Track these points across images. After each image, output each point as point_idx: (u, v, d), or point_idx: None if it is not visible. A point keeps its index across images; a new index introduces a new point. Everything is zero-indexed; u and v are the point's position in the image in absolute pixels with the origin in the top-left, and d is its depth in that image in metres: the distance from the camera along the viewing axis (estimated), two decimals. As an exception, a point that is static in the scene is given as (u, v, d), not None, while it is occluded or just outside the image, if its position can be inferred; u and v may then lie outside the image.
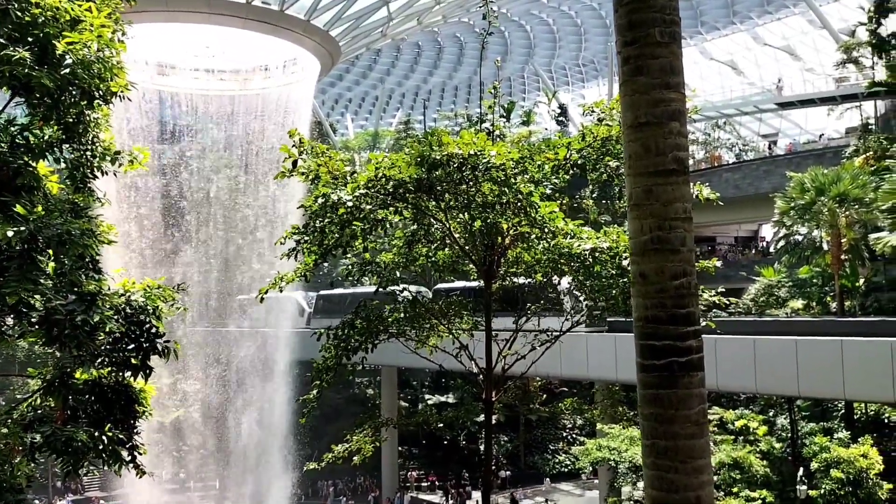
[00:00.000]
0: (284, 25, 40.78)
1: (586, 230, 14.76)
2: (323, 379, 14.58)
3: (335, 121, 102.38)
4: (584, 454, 30.57)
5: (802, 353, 23.84)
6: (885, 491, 22.86)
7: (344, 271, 15.84)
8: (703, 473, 5.84)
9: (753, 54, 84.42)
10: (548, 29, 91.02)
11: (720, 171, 54.78)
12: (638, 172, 6.11)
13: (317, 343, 15.01)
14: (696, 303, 6.09)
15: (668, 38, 5.97)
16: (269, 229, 50.30)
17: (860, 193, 29.61)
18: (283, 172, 13.08)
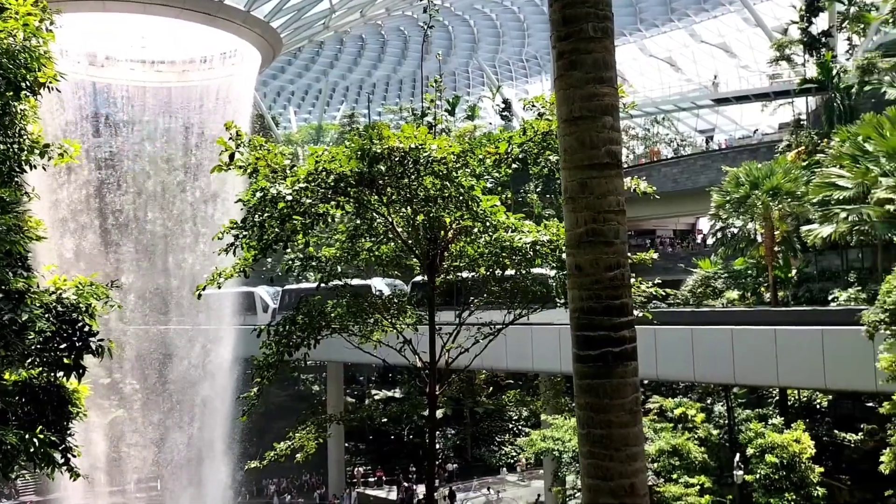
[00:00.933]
0: (223, 16, 39.99)
1: (527, 224, 14.91)
2: (264, 376, 14.39)
3: (277, 114, 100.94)
4: (529, 445, 30.93)
5: (738, 342, 24.60)
6: (816, 474, 23.69)
7: (285, 266, 15.65)
8: (636, 461, 5.98)
9: (691, 51, 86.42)
10: (491, 24, 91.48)
11: (659, 166, 55.86)
12: (573, 166, 6.20)
13: None
14: (629, 294, 6.22)
15: (600, 33, 6.07)
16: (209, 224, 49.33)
17: (792, 187, 30.62)
18: (220, 166, 12.84)
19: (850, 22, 43.11)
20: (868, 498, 24.67)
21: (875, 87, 33.47)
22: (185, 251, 50.97)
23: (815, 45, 42.19)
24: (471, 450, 52.47)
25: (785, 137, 42.14)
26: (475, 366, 19.25)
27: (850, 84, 36.07)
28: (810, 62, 42.09)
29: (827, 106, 37.36)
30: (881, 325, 18.97)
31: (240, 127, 12.93)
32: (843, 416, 30.07)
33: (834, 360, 22.02)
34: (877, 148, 25.00)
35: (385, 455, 52.05)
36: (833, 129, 32.91)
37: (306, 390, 56.15)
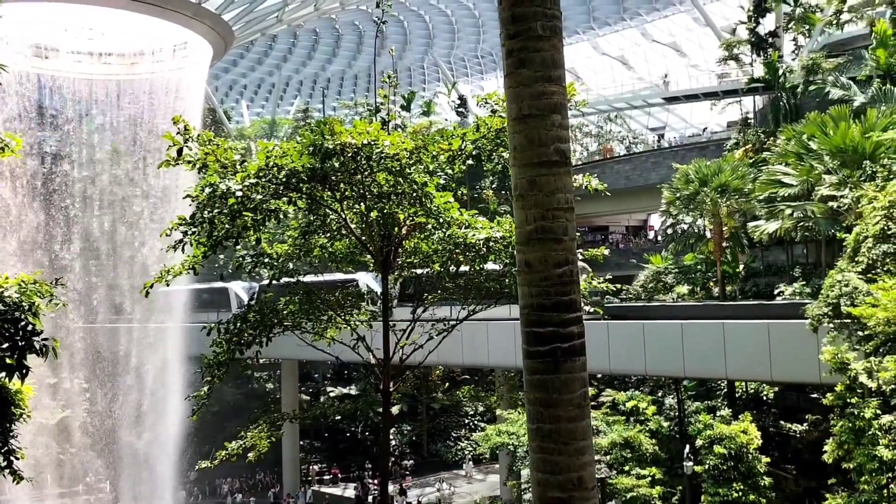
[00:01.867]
0: (173, 7, 39.20)
1: (481, 220, 14.98)
2: (215, 375, 14.19)
3: (230, 108, 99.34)
4: (485, 440, 31.12)
5: (688, 336, 25.09)
6: (763, 464, 24.27)
7: (236, 263, 15.45)
8: (584, 454, 6.06)
9: (643, 50, 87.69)
10: (447, 20, 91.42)
11: (612, 163, 56.58)
12: (522, 163, 6.24)
13: None
14: (578, 290, 6.29)
15: (549, 31, 6.11)
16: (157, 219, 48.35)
17: (740, 184, 31.32)
18: (168, 161, 12.61)
19: (795, 23, 44.22)
20: (812, 486, 25.34)
21: (819, 86, 34.37)
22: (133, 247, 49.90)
23: (762, 45, 43.15)
24: (427, 445, 52.53)
25: (733, 135, 43.02)
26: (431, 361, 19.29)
27: (796, 84, 36.97)
28: (757, 62, 43.03)
29: (773, 105, 38.25)
30: (824, 318, 19.55)
31: (188, 121, 12.70)
32: (788, 407, 30.85)
33: (780, 353, 22.60)
34: (821, 146, 25.75)
35: (340, 452, 51.79)
36: (779, 128, 33.74)
37: (260, 388, 55.50)
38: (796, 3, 42.84)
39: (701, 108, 68.42)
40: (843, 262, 20.02)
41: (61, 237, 49.68)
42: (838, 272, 19.73)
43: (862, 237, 19.82)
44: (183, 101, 46.17)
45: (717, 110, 55.82)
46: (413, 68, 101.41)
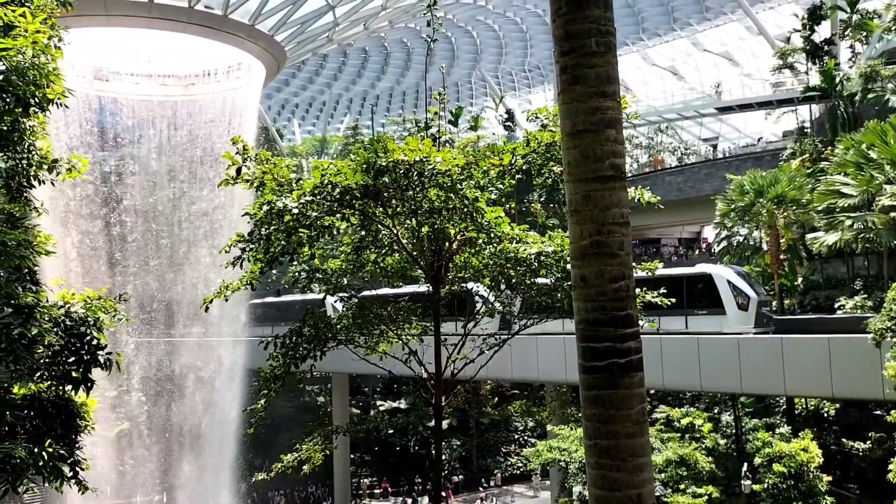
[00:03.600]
0: (228, 30, 40.26)
1: (532, 234, 14.96)
2: (271, 388, 14.43)
3: (282, 126, 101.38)
4: (535, 455, 30.89)
5: (744, 351, 24.57)
6: (824, 483, 23.63)
7: (290, 278, 15.72)
8: (643, 471, 6.00)
9: (693, 60, 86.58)
10: (494, 35, 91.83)
11: (663, 175, 55.94)
12: (577, 179, 6.26)
13: None
14: (634, 305, 6.26)
15: (603, 47, 6.14)
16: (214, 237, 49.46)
17: (797, 195, 30.64)
18: (227, 180, 12.94)
19: (852, 30, 43.22)
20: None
21: (878, 94, 33.53)
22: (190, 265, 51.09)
23: (818, 52, 42.31)
24: (476, 460, 52.35)
25: (789, 145, 42.17)
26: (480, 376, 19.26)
27: (854, 92, 36.12)
28: (813, 70, 42.19)
29: (830, 113, 37.39)
30: (888, 332, 18.96)
31: (246, 141, 13.03)
32: (850, 424, 29.95)
33: (841, 369, 21.97)
34: (881, 155, 25.06)
35: (390, 466, 51.96)
36: (837, 137, 32.96)
37: (311, 401, 56.10)
38: (853, 10, 41.90)
39: (755, 117, 67.22)
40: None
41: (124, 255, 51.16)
42: (902, 285, 19.13)
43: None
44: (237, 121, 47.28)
45: (772, 120, 54.80)
46: (460, 83, 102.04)
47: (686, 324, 27.05)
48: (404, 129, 77.24)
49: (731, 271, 27.75)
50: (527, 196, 52.51)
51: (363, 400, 58.33)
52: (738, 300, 26.62)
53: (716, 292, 26.84)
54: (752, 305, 26.54)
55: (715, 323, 26.76)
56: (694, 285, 27.74)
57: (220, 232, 48.61)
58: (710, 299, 26.86)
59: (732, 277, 27.05)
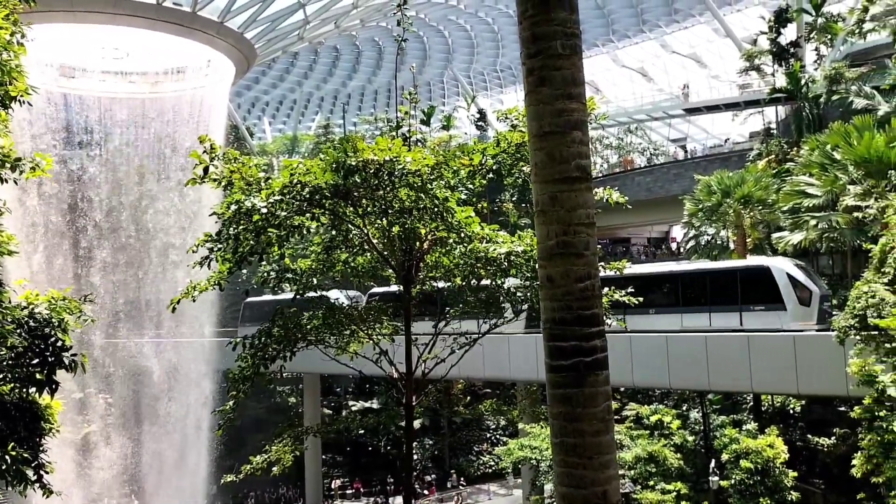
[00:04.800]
0: (197, 27, 39.85)
1: (502, 234, 15.04)
2: (240, 389, 14.33)
3: (252, 124, 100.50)
4: (507, 454, 31.00)
5: (712, 348, 24.87)
6: (790, 478, 24.01)
7: (259, 278, 15.63)
8: (609, 468, 6.08)
9: (662, 61, 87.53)
10: (466, 35, 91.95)
11: (633, 175, 56.45)
12: (543, 180, 6.31)
13: None
14: (600, 304, 6.33)
15: (569, 50, 6.19)
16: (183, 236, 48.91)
17: (763, 195, 31.13)
18: (195, 179, 12.82)
19: (817, 33, 43.97)
20: (841, 502, 25.01)
21: (842, 96, 34.11)
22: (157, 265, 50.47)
23: (784, 55, 43.01)
24: (449, 460, 52.39)
25: (755, 146, 42.80)
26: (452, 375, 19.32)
27: (819, 93, 36.74)
28: (779, 72, 42.86)
29: (796, 115, 38.02)
30: (851, 330, 19.32)
31: (214, 140, 12.92)
32: (815, 420, 30.49)
33: (806, 366, 22.35)
34: (845, 156, 25.53)
35: (362, 467, 51.79)
36: (802, 138, 33.52)
37: (282, 402, 55.69)
38: (818, 13, 42.65)
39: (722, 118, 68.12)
40: (870, 274, 19.79)
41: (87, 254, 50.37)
42: (865, 283, 19.51)
43: (888, 248, 19.60)
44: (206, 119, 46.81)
45: (739, 121, 55.59)
46: (432, 83, 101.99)
47: (741, 321, 25.35)
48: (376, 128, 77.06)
49: (790, 263, 25.94)
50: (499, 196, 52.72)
51: (335, 400, 58.07)
52: (799, 295, 24.78)
53: (774, 286, 24.83)
54: (815, 300, 24.89)
55: (773, 319, 24.94)
56: (749, 279, 25.96)
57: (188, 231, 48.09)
58: (768, 294, 24.79)
59: (792, 270, 25.31)
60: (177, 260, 47.84)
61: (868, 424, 18.59)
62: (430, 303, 22.53)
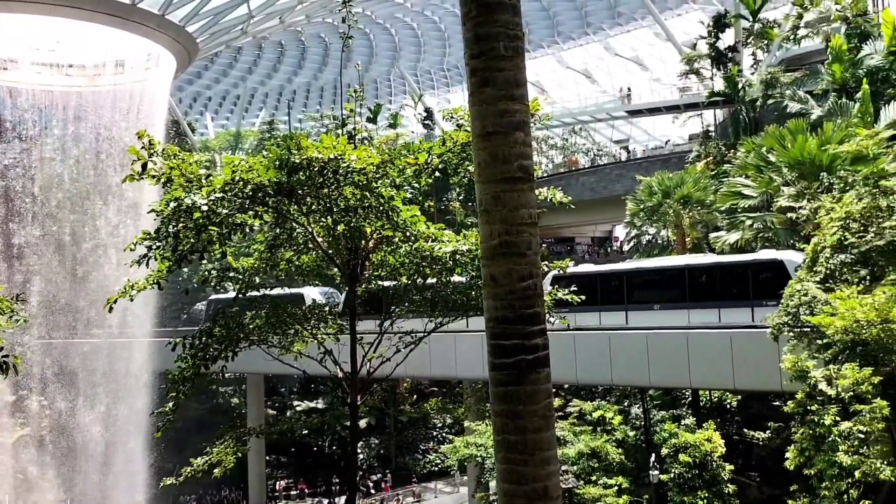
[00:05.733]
0: (136, 20, 38.84)
1: (447, 233, 15.09)
2: (180, 391, 14.03)
3: (194, 120, 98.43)
4: (453, 452, 31.07)
5: (653, 345, 25.42)
6: (727, 471, 24.62)
7: (200, 277, 15.34)
8: (550, 464, 6.16)
9: (606, 64, 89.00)
10: (412, 33, 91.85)
11: (577, 175, 57.22)
12: (487, 179, 6.36)
13: None
14: (542, 303, 6.41)
15: (512, 52, 6.25)
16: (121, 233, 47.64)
17: (701, 196, 31.94)
18: (132, 175, 12.51)
19: (754, 38, 45.30)
20: (775, 493, 25.79)
21: (778, 100, 35.21)
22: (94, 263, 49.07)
23: (722, 59, 44.16)
24: (395, 459, 52.33)
25: (694, 148, 43.83)
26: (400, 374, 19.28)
27: (755, 97, 37.84)
28: (718, 76, 43.97)
29: (733, 118, 39.09)
30: (785, 327, 19.97)
31: (152, 136, 12.63)
32: (751, 415, 31.33)
33: (742, 362, 23.00)
34: (779, 158, 26.35)
35: (307, 467, 51.34)
36: (739, 141, 34.48)
37: (225, 403, 54.80)
38: (755, 19, 43.92)
39: (663, 121, 69.53)
40: (802, 273, 20.48)
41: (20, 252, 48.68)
42: (797, 282, 20.19)
43: (820, 247, 20.31)
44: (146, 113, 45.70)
45: (679, 123, 56.82)
46: (379, 80, 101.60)
47: (752, 316, 24.32)
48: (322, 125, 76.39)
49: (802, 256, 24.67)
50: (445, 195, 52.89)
51: (280, 400, 57.42)
52: None
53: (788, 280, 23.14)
54: None
55: None
56: (761, 273, 25.12)
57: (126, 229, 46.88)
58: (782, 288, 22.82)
59: None
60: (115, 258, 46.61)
61: (800, 418, 19.22)
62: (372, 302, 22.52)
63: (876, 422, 17.67)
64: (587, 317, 27.45)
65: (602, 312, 28.05)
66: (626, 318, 27.44)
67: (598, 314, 27.97)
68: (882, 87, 29.79)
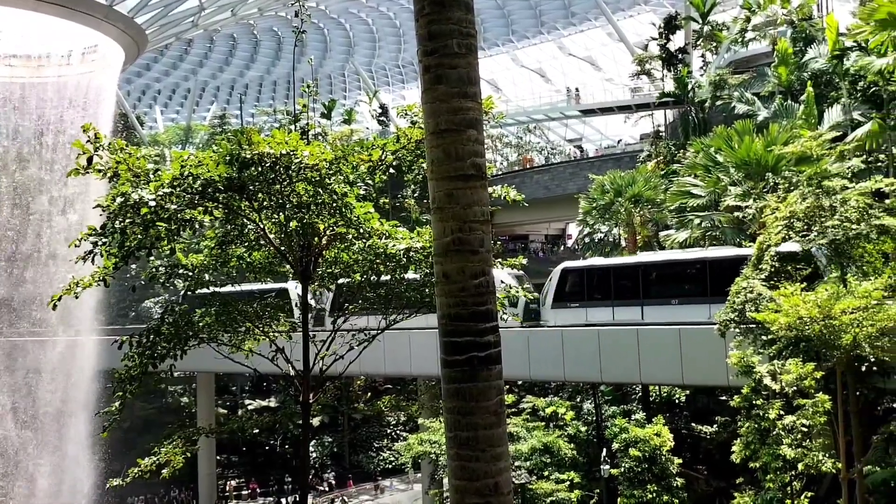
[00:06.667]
0: (83, 10, 37.81)
1: (401, 231, 15.05)
2: (126, 390, 13.72)
3: (143, 113, 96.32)
4: (406, 449, 31.03)
5: (604, 341, 25.75)
6: (675, 465, 25.08)
7: (148, 274, 15.01)
8: (501, 460, 6.19)
9: (560, 63, 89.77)
10: (367, 28, 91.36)
11: (532, 173, 57.62)
12: (440, 177, 6.35)
13: None
14: (494, 300, 6.44)
15: (465, 49, 6.25)
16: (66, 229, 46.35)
17: (652, 195, 32.44)
18: (77, 169, 12.17)
19: (703, 40, 46.07)
20: (722, 486, 26.38)
21: (726, 101, 35.92)
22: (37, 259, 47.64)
23: (673, 61, 44.85)
24: (349, 456, 52.07)
25: (646, 148, 44.46)
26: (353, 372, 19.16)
27: (704, 98, 38.55)
28: (668, 77, 44.65)
29: (683, 118, 39.77)
30: (731, 323, 20.42)
31: (98, 129, 12.29)
32: (699, 410, 32.00)
33: (690, 358, 23.42)
34: (727, 159, 26.91)
35: (259, 466, 50.76)
36: (688, 141, 35.10)
37: (174, 403, 53.82)
38: (704, 21, 44.71)
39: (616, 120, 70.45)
40: (748, 270, 20.95)
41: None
42: (744, 279, 20.64)
43: (765, 246, 20.81)
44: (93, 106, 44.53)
45: (631, 123, 57.60)
46: (334, 76, 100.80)
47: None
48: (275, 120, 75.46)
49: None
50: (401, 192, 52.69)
51: (231, 399, 56.62)
52: None
53: None
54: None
55: None
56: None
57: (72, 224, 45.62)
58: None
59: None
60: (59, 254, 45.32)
61: (746, 413, 19.68)
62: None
63: (818, 415, 18.20)
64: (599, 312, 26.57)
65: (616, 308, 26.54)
66: (641, 314, 26.23)
67: (611, 309, 26.54)
68: (826, 90, 30.62)
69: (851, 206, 19.43)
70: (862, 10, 22.21)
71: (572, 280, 27.61)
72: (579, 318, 26.66)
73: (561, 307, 27.20)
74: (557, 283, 27.66)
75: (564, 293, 27.42)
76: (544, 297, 28.21)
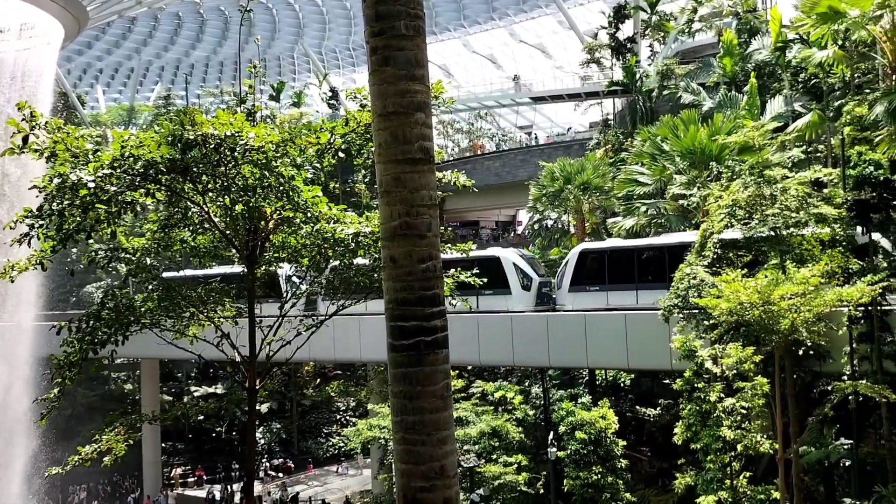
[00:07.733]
0: (19, -16, 36.45)
1: (350, 215, 14.91)
2: (66, 376, 13.34)
3: (84, 92, 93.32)
4: (356, 435, 30.99)
5: (552, 327, 26.09)
6: (620, 447, 25.60)
7: (87, 258, 14.58)
8: (446, 444, 6.22)
9: (511, 50, 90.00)
10: (317, 10, 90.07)
11: (483, 160, 57.76)
12: (387, 160, 6.30)
13: None
14: (441, 285, 6.43)
15: (412, 31, 6.20)
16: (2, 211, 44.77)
17: (600, 182, 32.88)
18: (12, 149, 11.72)
19: (651, 30, 46.73)
20: (665, 467, 27.03)
21: (672, 91, 36.53)
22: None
23: (622, 50, 45.39)
24: (298, 443, 51.75)
25: (594, 136, 44.97)
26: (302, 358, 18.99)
27: (651, 88, 39.12)
28: (617, 66, 45.17)
29: (631, 107, 40.29)
30: (675, 309, 20.89)
31: (34, 107, 11.85)
32: (643, 393, 32.70)
33: (635, 342, 23.91)
34: (672, 148, 27.40)
35: (205, 454, 50.11)
36: (636, 130, 35.62)
37: (118, 389, 52.70)
38: (653, 11, 45.29)
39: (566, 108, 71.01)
40: (692, 257, 21.42)
41: None
42: (687, 266, 21.11)
43: (708, 233, 21.30)
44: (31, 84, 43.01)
45: (581, 111, 58.15)
46: (283, 57, 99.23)
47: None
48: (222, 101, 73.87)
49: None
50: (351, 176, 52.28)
51: (176, 386, 55.66)
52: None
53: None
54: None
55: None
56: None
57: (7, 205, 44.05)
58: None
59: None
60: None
61: (688, 395, 20.20)
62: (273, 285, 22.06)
63: (757, 398, 18.78)
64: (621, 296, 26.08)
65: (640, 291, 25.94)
66: None
67: (635, 292, 26.06)
68: (768, 81, 31.36)
69: (791, 195, 19.98)
70: (804, 4, 22.75)
71: (591, 262, 27.30)
72: (599, 301, 26.17)
73: (579, 290, 26.83)
74: (576, 265, 27.28)
75: (583, 276, 26.95)
76: (560, 280, 28.05)
